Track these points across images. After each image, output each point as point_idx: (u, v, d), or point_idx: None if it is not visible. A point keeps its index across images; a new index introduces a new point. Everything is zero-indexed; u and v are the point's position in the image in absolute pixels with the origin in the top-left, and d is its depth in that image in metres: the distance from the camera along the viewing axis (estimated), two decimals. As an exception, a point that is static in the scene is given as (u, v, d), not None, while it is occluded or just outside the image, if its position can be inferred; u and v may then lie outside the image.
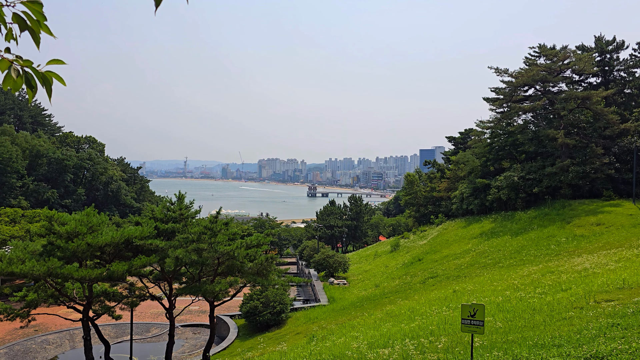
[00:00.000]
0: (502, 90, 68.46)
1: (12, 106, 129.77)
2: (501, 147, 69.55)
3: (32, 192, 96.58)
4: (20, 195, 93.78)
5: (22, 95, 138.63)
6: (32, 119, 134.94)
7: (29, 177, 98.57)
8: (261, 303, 39.48)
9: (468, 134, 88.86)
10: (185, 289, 29.63)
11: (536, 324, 14.07)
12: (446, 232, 64.73)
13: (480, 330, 10.65)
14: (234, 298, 38.21)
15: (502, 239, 48.47)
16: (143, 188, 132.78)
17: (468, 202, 68.09)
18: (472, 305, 10.76)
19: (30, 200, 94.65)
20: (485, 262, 40.41)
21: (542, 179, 59.06)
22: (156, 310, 49.77)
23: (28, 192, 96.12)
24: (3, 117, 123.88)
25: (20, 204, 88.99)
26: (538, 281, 23.49)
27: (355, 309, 34.79)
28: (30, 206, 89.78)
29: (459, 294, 25.94)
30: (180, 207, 30.38)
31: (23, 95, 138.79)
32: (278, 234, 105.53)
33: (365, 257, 76.69)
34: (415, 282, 42.48)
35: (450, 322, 17.20)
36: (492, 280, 28.82)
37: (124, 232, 25.70)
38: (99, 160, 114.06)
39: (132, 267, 25.51)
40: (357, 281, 57.04)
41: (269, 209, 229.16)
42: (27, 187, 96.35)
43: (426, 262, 51.56)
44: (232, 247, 27.60)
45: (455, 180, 78.69)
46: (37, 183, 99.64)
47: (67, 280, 26.10)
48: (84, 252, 25.02)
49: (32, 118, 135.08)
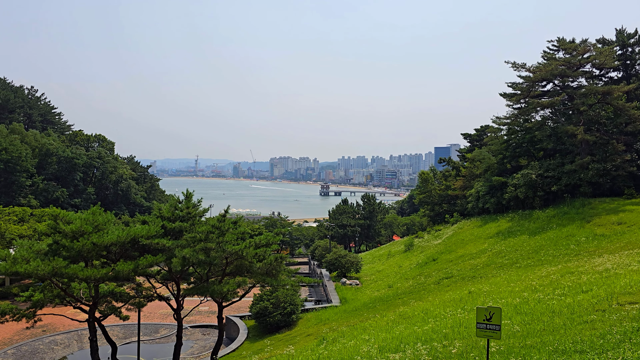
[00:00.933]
0: (520, 85, 67.62)
1: (22, 104, 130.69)
2: (518, 144, 68.74)
3: (41, 191, 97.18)
4: (29, 194, 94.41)
5: (32, 94, 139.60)
6: (41, 117, 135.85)
7: (38, 176, 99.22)
8: (271, 304, 39.25)
9: (484, 131, 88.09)
10: (193, 290, 29.48)
11: (556, 327, 13.62)
12: (461, 231, 64.19)
13: (496, 335, 10.23)
14: (244, 298, 38.14)
15: (520, 238, 47.87)
16: (153, 187, 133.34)
17: (484, 200, 67.45)
18: (488, 309, 10.34)
19: (40, 199, 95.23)
20: (502, 263, 39.89)
21: (561, 176, 58.25)
22: (165, 310, 49.74)
23: (38, 191, 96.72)
24: (12, 116, 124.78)
25: (29, 203, 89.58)
26: (557, 282, 22.98)
27: (368, 310, 34.46)
28: (39, 205, 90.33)
29: (475, 295, 25.50)
30: (188, 206, 30.22)
31: (33, 94, 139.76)
32: (289, 233, 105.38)
33: (379, 257, 76.34)
34: (429, 282, 42.09)
35: (465, 324, 16.79)
36: (509, 281, 28.34)
37: (130, 231, 25.55)
38: (108, 158, 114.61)
39: (139, 267, 25.37)
40: (369, 282, 56.73)
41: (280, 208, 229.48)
42: (36, 186, 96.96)
43: (441, 262, 51.11)
44: (241, 247, 27.38)
45: (471, 178, 78.04)
46: (47, 182, 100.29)
47: (72, 280, 26.01)
48: (90, 251, 24.90)
49: (41, 116, 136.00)
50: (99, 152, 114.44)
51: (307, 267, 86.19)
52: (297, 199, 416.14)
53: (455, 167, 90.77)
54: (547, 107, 65.11)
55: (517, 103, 68.73)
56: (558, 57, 64.63)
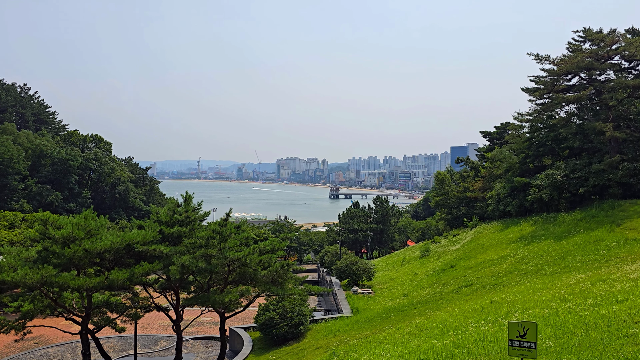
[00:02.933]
0: (543, 79, 66.90)
1: (14, 103, 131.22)
2: (542, 142, 67.98)
3: (35, 194, 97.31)
4: (22, 198, 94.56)
5: (25, 92, 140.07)
6: (34, 117, 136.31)
7: (31, 179, 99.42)
8: (278, 314, 38.81)
9: (505, 129, 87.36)
10: (193, 299, 29.10)
11: (592, 342, 13.04)
12: (481, 236, 63.63)
13: (532, 354, 9.68)
14: (249, 308, 37.71)
15: (544, 243, 47.27)
16: (153, 190, 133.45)
17: (505, 203, 66.79)
18: (521, 324, 9.80)
19: (33, 203, 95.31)
20: (525, 269, 39.35)
21: (589, 177, 57.49)
22: (165, 321, 49.39)
23: (31, 194, 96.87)
24: (4, 115, 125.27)
25: (22, 207, 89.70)
26: (588, 291, 22.40)
27: (381, 321, 33.99)
28: (32, 210, 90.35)
29: (498, 305, 24.94)
30: (187, 209, 29.81)
31: (25, 92, 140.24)
32: (297, 238, 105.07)
33: (392, 264, 75.88)
34: (447, 291, 41.62)
35: (489, 338, 16.23)
36: (534, 289, 27.79)
37: (125, 236, 25.16)
38: (105, 160, 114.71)
39: (134, 275, 25.00)
40: (383, 290, 56.29)
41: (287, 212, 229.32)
42: (29, 189, 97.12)
43: (459, 269, 50.63)
44: (244, 253, 26.97)
45: (490, 179, 77.39)
46: (41, 185, 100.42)
47: (64, 290, 25.62)
48: (82, 258, 24.54)
49: (34, 116, 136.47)
50: (95, 154, 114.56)
51: (316, 274, 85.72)
52: (305, 202, 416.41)
53: (473, 167, 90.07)
54: (573, 102, 64.37)
55: (540, 98, 68.01)
56: (584, 49, 63.84)
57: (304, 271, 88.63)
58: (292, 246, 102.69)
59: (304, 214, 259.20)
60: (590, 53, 61.81)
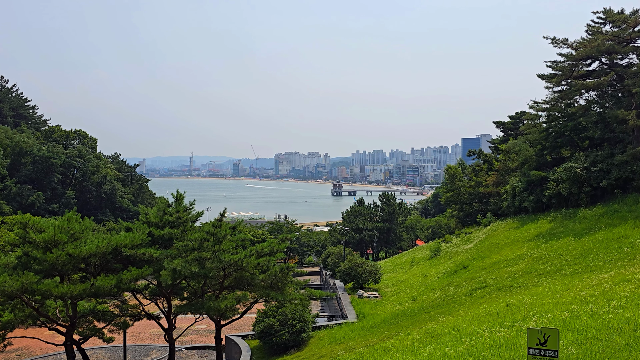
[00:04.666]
0: (561, 64, 66.72)
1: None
2: (560, 132, 67.83)
3: (14, 195, 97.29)
4: (1, 199, 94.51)
5: (2, 85, 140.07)
6: (13, 112, 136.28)
7: (11, 179, 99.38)
8: (278, 321, 38.87)
9: (520, 119, 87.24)
10: (186, 306, 29.11)
11: (617, 348, 12.97)
12: (495, 234, 63.67)
13: (554, 363, 9.62)
14: (246, 315, 37.71)
15: (564, 241, 47.25)
16: (142, 189, 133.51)
17: (521, 198, 66.75)
18: (541, 330, 9.73)
19: (13, 204, 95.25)
20: (543, 269, 39.35)
21: (611, 169, 57.33)
22: (156, 330, 49.42)
23: (10, 195, 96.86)
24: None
25: (1, 209, 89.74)
26: (611, 292, 22.33)
27: (389, 327, 34.02)
28: (12, 211, 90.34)
29: (514, 308, 24.89)
30: (179, 210, 29.78)
31: (3, 85, 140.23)
32: (297, 239, 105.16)
33: (400, 265, 75.90)
34: (460, 294, 41.68)
35: (506, 345, 16.16)
36: (553, 291, 27.73)
37: (112, 240, 25.13)
38: (90, 157, 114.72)
39: (122, 282, 25.00)
40: (390, 293, 56.36)
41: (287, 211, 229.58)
42: (8, 189, 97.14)
43: (472, 270, 50.66)
44: (240, 256, 26.95)
45: (505, 173, 77.31)
46: (21, 185, 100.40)
47: (46, 298, 25.60)
48: (65, 264, 24.51)
49: (13, 110, 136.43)
50: (79, 151, 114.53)
51: (319, 277, 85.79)
52: (306, 199, 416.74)
53: (486, 160, 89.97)
54: (593, 89, 64.17)
55: (557, 85, 67.85)
56: (605, 31, 63.64)
57: (306, 274, 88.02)
58: (293, 247, 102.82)
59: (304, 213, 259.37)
60: (612, 36, 61.63)
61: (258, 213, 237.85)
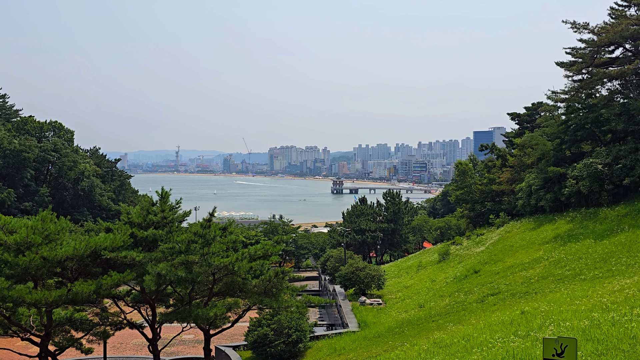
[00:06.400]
0: (581, 51, 66.81)
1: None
2: (580, 125, 67.90)
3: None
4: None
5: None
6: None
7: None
8: (272, 330, 39.00)
9: (536, 110, 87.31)
10: (172, 314, 29.17)
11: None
12: (509, 235, 63.77)
13: (570, 375, 9.68)
14: (237, 324, 37.77)
15: (583, 243, 47.38)
16: (123, 185, 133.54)
17: (537, 196, 66.84)
18: (558, 340, 9.78)
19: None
20: (561, 274, 39.46)
21: (635, 165, 57.42)
22: (139, 340, 49.49)
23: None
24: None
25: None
26: (635, 298, 22.47)
27: (394, 336, 34.15)
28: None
29: (529, 316, 25.00)
30: (164, 208, 29.81)
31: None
32: (294, 241, 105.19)
33: (406, 269, 75.96)
34: (470, 300, 41.80)
35: (520, 356, 16.25)
36: (572, 297, 27.88)
37: (90, 242, 25.17)
38: (67, 151, 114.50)
39: (102, 287, 25.05)
40: (395, 300, 56.45)
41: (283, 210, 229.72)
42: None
43: (484, 275, 50.76)
44: (231, 260, 27.02)
45: (520, 169, 77.41)
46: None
47: (19, 305, 25.64)
48: (39, 268, 24.55)
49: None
50: (54, 144, 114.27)
51: (317, 283, 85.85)
52: (303, 198, 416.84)
53: (500, 155, 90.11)
54: (616, 78, 64.28)
55: (577, 74, 67.96)
56: (629, 15, 63.70)
57: (303, 279, 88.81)
58: (289, 250, 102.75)
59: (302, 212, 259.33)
60: (637, 20, 61.68)
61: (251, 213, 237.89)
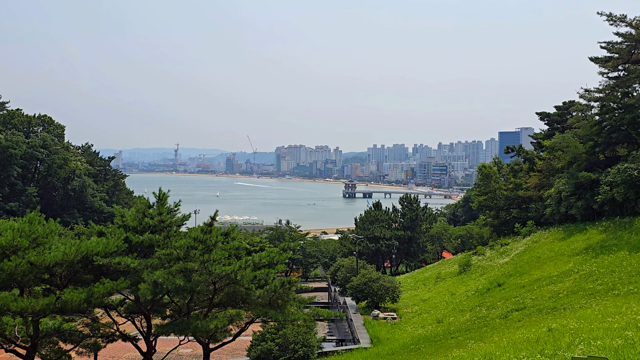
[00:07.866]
0: (617, 46, 66.64)
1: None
2: (615, 126, 67.66)
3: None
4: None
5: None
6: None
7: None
8: (277, 345, 39.06)
9: (568, 109, 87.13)
10: (169, 326, 29.19)
11: (678, 383, 13.01)
12: (537, 246, 63.57)
13: (599, 398, 9.66)
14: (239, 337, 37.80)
15: (617, 255, 47.19)
16: (117, 186, 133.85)
17: (568, 204, 66.62)
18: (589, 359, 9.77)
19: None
20: (593, 289, 39.31)
21: (675, 171, 57.31)
22: (133, 353, 49.68)
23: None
24: None
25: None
26: (673, 317, 22.37)
27: (409, 354, 34.09)
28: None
29: (557, 333, 24.92)
30: (161, 211, 29.87)
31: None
32: (302, 248, 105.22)
33: (423, 281, 75.84)
34: (493, 316, 41.70)
35: (546, 377, 16.24)
36: (604, 314, 27.74)
37: (81, 246, 25.24)
38: (56, 148, 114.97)
39: (93, 296, 25.10)
40: (411, 314, 56.41)
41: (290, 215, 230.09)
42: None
43: (509, 289, 50.66)
44: (234, 268, 27.03)
45: (549, 174, 77.19)
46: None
47: (3, 314, 25.74)
48: (26, 274, 24.62)
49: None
50: (43, 139, 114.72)
51: (326, 294, 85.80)
52: (312, 202, 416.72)
53: (527, 158, 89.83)
54: (656, 75, 64.09)
55: (613, 70, 67.80)
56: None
57: (311, 290, 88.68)
58: (296, 258, 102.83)
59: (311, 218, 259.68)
60: (679, 11, 61.34)
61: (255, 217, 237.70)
